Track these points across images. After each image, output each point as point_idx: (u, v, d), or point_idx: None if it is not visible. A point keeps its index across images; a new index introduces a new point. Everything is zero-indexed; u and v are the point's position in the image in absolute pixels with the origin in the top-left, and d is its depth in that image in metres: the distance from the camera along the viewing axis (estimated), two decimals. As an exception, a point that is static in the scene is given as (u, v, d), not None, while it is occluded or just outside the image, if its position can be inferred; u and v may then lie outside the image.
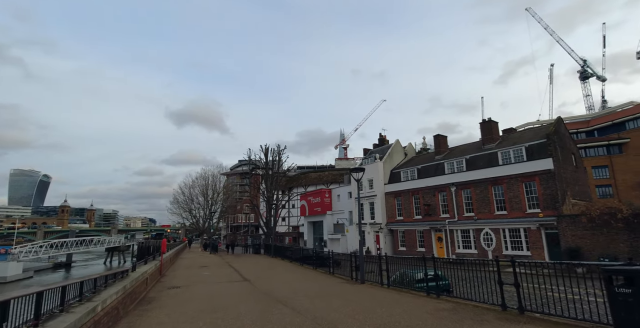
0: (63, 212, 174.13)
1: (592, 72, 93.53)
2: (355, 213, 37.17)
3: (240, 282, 14.00)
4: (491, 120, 29.00)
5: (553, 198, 22.34)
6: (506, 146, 26.38)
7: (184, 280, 14.99)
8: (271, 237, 32.86)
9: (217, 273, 17.78)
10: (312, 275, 15.88)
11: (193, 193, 55.06)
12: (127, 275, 11.42)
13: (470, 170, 27.43)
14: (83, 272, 50.16)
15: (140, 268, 13.52)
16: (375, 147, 41.81)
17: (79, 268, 55.50)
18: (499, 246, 24.56)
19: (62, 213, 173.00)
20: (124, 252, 67.72)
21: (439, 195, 29.29)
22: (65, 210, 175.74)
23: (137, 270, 12.39)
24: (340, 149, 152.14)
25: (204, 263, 23.63)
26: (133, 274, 11.59)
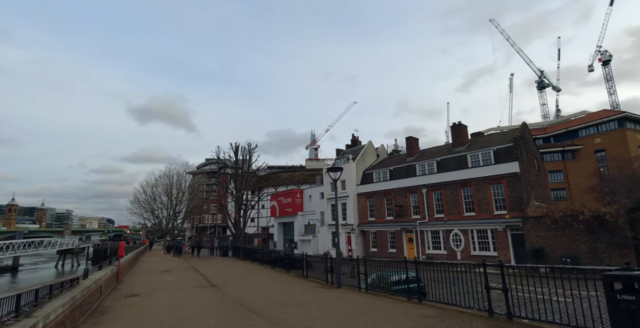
0: (10, 211, 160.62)
1: (548, 83, 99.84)
2: (328, 214, 36.81)
3: (207, 288, 13.01)
4: (461, 124, 29.70)
5: (519, 200, 23.10)
6: (475, 149, 27.06)
7: (143, 287, 13.74)
8: (240, 239, 31.67)
9: (181, 278, 16.58)
10: (284, 279, 15.16)
11: (156, 193, 52.24)
12: (77, 283, 10.14)
13: (441, 172, 27.87)
14: (31, 277, 46.04)
15: (94, 274, 12.16)
16: (347, 147, 41.70)
17: (27, 272, 50.91)
18: (467, 247, 25.07)
19: (9, 213, 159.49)
20: (78, 254, 63.14)
21: (411, 196, 29.54)
22: (13, 209, 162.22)
23: (89, 277, 11.08)
24: (311, 150, 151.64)
25: (166, 267, 22.14)
26: (85, 282, 10.32)
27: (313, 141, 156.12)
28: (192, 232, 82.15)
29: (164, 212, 52.90)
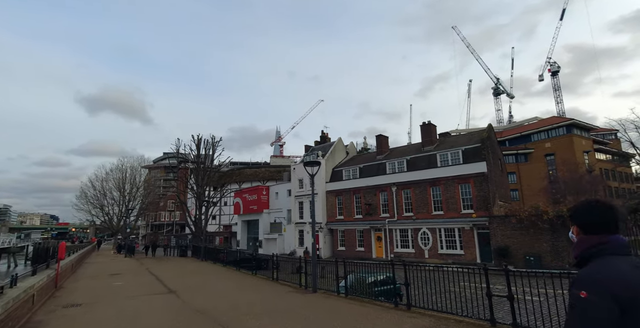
0: None
1: (503, 90, 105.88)
2: (295, 212, 35.68)
3: (164, 295, 11.46)
4: (430, 124, 29.92)
5: (485, 199, 23.53)
6: (444, 149, 27.31)
7: (87, 295, 11.87)
8: (201, 238, 29.70)
9: (133, 282, 14.74)
10: (252, 283, 13.92)
11: (106, 187, 48.10)
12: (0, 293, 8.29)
13: (411, 171, 27.86)
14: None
15: (25, 281, 10.15)
16: (316, 144, 40.84)
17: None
18: (435, 245, 25.21)
19: None
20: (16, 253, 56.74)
21: (380, 194, 29.28)
22: None
23: (18, 285, 9.13)
24: (276, 146, 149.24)
25: (116, 270, 19.90)
26: (11, 292, 8.44)
27: (278, 138, 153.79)
28: (146, 229, 77.29)
29: (115, 209, 48.88)
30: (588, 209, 1.71)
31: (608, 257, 1.55)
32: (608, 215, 1.65)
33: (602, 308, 1.35)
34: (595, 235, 1.63)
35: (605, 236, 1.61)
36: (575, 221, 1.75)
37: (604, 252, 1.57)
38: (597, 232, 1.63)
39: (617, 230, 1.64)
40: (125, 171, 49.16)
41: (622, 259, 1.52)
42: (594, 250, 1.60)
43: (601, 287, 1.39)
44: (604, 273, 1.46)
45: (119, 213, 48.61)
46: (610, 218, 1.65)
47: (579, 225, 1.72)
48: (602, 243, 1.59)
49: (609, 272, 1.46)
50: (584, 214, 1.71)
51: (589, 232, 1.67)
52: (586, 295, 1.40)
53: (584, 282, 1.46)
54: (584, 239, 1.67)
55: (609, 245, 1.58)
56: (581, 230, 1.71)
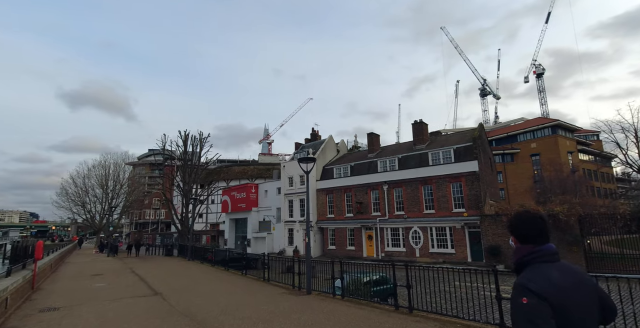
0: None
1: (490, 90, 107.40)
2: (285, 210, 35.13)
3: (149, 298, 10.84)
4: (422, 122, 29.81)
5: (476, 198, 23.52)
6: (436, 147, 27.23)
7: (66, 297, 11.16)
8: (188, 236, 28.87)
9: (116, 284, 14.02)
10: (243, 284, 13.39)
11: (88, 184, 46.46)
12: (-33, 298, 7.59)
13: (403, 170, 27.69)
14: None
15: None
16: (307, 141, 40.34)
17: None
18: (426, 244, 25.11)
19: None
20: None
21: (371, 193, 29.04)
22: None
23: (-14, 290, 8.43)
24: (264, 144, 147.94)
25: (98, 270, 19.04)
26: None
27: (267, 136, 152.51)
28: (130, 228, 75.42)
29: (97, 206, 47.29)
30: (522, 222, 1.88)
31: (539, 264, 1.76)
32: (539, 226, 1.84)
33: (540, 310, 1.60)
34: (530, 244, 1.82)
35: (537, 246, 1.81)
36: (512, 233, 1.92)
37: (536, 260, 1.78)
38: (531, 242, 1.82)
39: (547, 240, 1.83)
40: (109, 167, 47.63)
41: (551, 266, 1.74)
42: (528, 258, 1.80)
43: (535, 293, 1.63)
44: (536, 280, 1.67)
45: (102, 211, 47.06)
46: (541, 229, 1.85)
47: (516, 236, 1.90)
48: (534, 252, 1.79)
49: (541, 280, 1.67)
50: (518, 226, 1.89)
51: (525, 242, 1.85)
52: (526, 300, 1.63)
53: (523, 289, 1.67)
54: (520, 248, 1.87)
55: (540, 253, 1.79)
56: (518, 241, 1.88)
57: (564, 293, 1.64)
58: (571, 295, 1.66)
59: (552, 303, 1.60)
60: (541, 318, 1.58)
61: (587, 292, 1.74)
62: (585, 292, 1.73)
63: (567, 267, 1.79)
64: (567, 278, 1.71)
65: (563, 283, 1.67)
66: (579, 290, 1.70)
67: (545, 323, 1.57)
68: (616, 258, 17.94)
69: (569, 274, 1.75)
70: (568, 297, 1.64)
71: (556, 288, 1.65)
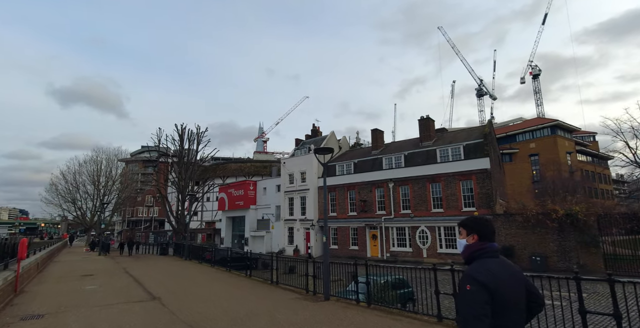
0: None
1: (486, 91, 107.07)
2: (285, 208, 33.92)
3: (146, 303, 9.65)
4: (429, 118, 28.85)
5: (488, 197, 22.63)
6: (443, 144, 26.29)
7: (52, 302, 9.92)
8: (185, 235, 27.59)
9: (109, 286, 12.77)
10: (248, 287, 12.24)
11: (79, 180, 44.83)
12: None
13: (409, 167, 26.70)
14: None
15: (-31, 288, 8.19)
16: (307, 137, 39.21)
17: None
18: (433, 244, 24.17)
19: None
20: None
21: (376, 191, 28.02)
22: None
23: (-44, 296, 7.19)
24: (259, 142, 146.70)
25: (89, 270, 17.73)
26: None
27: (262, 134, 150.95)
28: (122, 226, 73.60)
29: (88, 203, 45.70)
30: (483, 223, 2.32)
31: (484, 259, 2.18)
32: (492, 228, 2.31)
33: (480, 295, 1.99)
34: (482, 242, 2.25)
35: (486, 243, 2.23)
36: (474, 231, 2.30)
37: (482, 255, 2.20)
38: (485, 239, 2.25)
39: (493, 239, 2.27)
40: (101, 163, 46.03)
41: (493, 260, 2.17)
42: (477, 253, 2.22)
43: (478, 282, 2.02)
44: (480, 271, 2.08)
45: (93, 208, 45.45)
46: (493, 231, 2.31)
47: (477, 234, 2.28)
48: (482, 249, 2.22)
49: (484, 271, 2.07)
50: (481, 226, 2.30)
51: (482, 240, 2.26)
52: (470, 287, 2.04)
53: (469, 278, 2.08)
54: (471, 245, 2.28)
55: (487, 249, 2.20)
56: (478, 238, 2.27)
57: (501, 282, 2.04)
58: (507, 283, 2.07)
59: (491, 289, 1.99)
60: (478, 304, 1.97)
61: (518, 282, 2.17)
62: (517, 282, 2.16)
63: (504, 261, 2.23)
64: (504, 271, 2.12)
65: (501, 274, 2.08)
66: (512, 280, 2.12)
67: (480, 308, 1.96)
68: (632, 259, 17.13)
69: (505, 268, 2.17)
70: (504, 285, 2.04)
71: (495, 278, 2.04)
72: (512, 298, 2.04)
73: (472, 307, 1.96)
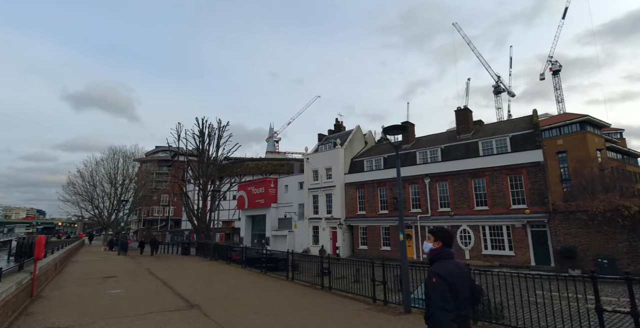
0: None
1: (504, 88, 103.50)
2: (309, 206, 32.08)
3: (185, 313, 8.03)
4: (467, 109, 26.80)
5: (541, 193, 20.48)
6: (485, 136, 24.21)
7: (74, 310, 8.39)
8: (209, 233, 26.14)
9: (135, 290, 11.24)
10: (298, 293, 10.53)
11: (97, 179, 44.04)
12: None
13: (447, 161, 24.69)
14: None
15: (-22, 294, 6.66)
16: (330, 132, 37.48)
17: None
18: (477, 245, 22.12)
19: None
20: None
21: (410, 187, 26.06)
22: None
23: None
24: (271, 143, 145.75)
25: (110, 271, 16.32)
26: None
27: (274, 133, 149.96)
28: (138, 225, 73.10)
29: (105, 202, 44.87)
30: (447, 233, 3.05)
31: (443, 259, 2.91)
32: (451, 236, 3.07)
33: (442, 285, 2.69)
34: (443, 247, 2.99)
35: (445, 248, 2.98)
36: (440, 238, 3.02)
37: (442, 257, 2.93)
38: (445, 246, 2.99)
39: (451, 246, 3.02)
40: (118, 160, 45.22)
41: (449, 261, 2.89)
42: (439, 255, 2.95)
43: (440, 276, 2.73)
44: (441, 269, 2.80)
45: (110, 206, 44.62)
46: (452, 239, 3.06)
47: (442, 241, 3.01)
48: (443, 252, 2.96)
49: (444, 268, 2.79)
50: (445, 236, 3.03)
51: (444, 246, 2.99)
52: (435, 280, 2.74)
53: (434, 274, 2.78)
54: (435, 249, 3.01)
55: (446, 253, 2.95)
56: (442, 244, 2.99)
57: (454, 276, 2.75)
58: (457, 277, 2.77)
59: (449, 281, 2.71)
60: (442, 289, 2.68)
61: (465, 277, 2.87)
62: (464, 277, 2.86)
63: (456, 262, 2.95)
64: (455, 268, 2.84)
65: (454, 271, 2.80)
66: (461, 275, 2.82)
67: (443, 291, 2.67)
68: None
69: (457, 266, 2.88)
70: (456, 278, 2.75)
71: (451, 273, 2.76)
72: (461, 288, 2.77)
73: (439, 293, 2.69)
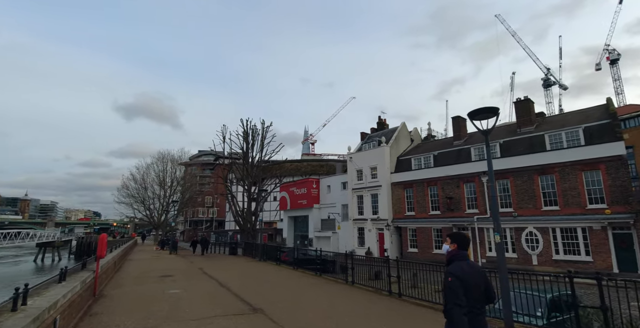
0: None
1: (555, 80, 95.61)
2: (353, 207, 31.02)
3: (250, 318, 7.44)
4: (529, 99, 24.50)
5: (624, 190, 18.00)
6: (552, 129, 21.88)
7: (137, 312, 8.10)
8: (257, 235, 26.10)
9: (193, 290, 10.94)
10: (363, 299, 9.63)
11: (147, 181, 46.25)
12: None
13: (507, 157, 22.64)
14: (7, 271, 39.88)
15: (46, 294, 6.42)
16: (373, 131, 36.29)
17: (3, 266, 44.84)
18: (547, 250, 19.94)
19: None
20: (60, 248, 56.74)
21: (465, 186, 24.26)
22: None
23: (29, 305, 5.34)
24: (306, 145, 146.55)
25: (165, 270, 16.44)
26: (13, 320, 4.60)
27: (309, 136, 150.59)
28: (185, 225, 76.04)
29: (155, 203, 46.99)
30: (463, 237, 3.42)
31: (459, 261, 3.23)
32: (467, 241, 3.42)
33: (456, 284, 2.99)
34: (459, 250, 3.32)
35: (461, 251, 3.32)
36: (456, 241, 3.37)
37: (457, 258, 3.25)
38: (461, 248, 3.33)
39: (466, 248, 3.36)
40: (167, 163, 47.18)
41: (464, 262, 3.21)
42: (455, 257, 3.28)
43: (455, 276, 3.04)
44: (456, 269, 3.11)
45: (160, 207, 46.65)
46: (467, 242, 3.41)
47: (457, 244, 3.36)
48: (458, 254, 3.29)
49: (459, 269, 3.10)
50: (461, 239, 3.39)
51: (459, 248, 3.33)
52: (450, 279, 3.04)
53: (450, 274, 3.08)
54: (451, 251, 3.36)
55: (461, 255, 3.28)
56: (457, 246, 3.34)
57: (468, 276, 3.06)
58: (472, 277, 3.09)
59: (462, 280, 3.01)
60: (456, 288, 2.96)
61: (480, 276, 3.19)
62: (479, 276, 3.17)
63: (472, 263, 3.29)
64: (470, 269, 3.16)
65: (468, 271, 3.11)
66: (476, 275, 3.15)
67: (457, 289, 2.95)
68: None
69: (472, 267, 3.21)
70: (470, 278, 3.07)
71: (465, 273, 3.07)
72: (475, 287, 3.08)
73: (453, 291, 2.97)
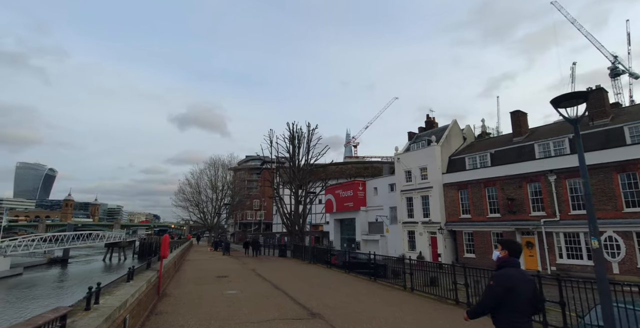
0: (67, 205, 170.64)
1: (624, 69, 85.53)
2: (402, 209, 29.90)
3: (309, 322, 7.20)
4: (602, 89, 21.94)
5: None
6: (629, 121, 19.33)
7: (199, 312, 8.24)
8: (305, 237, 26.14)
9: (249, 292, 11.01)
10: (428, 308, 8.99)
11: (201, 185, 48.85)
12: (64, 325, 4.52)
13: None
14: (80, 269, 44.20)
15: (116, 293, 6.68)
16: (421, 130, 34.89)
17: (77, 264, 49.81)
18: (630, 256, 17.53)
19: (65, 207, 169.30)
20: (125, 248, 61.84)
21: (528, 186, 22.24)
22: (69, 204, 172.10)
23: (101, 304, 5.54)
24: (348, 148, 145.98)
25: (221, 271, 16.91)
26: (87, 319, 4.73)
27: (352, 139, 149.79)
28: (234, 228, 78.98)
29: (209, 206, 49.43)
30: (512, 243, 3.61)
31: (508, 268, 3.39)
32: (519, 248, 3.56)
33: (496, 289, 3.23)
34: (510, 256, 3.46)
35: (512, 258, 3.46)
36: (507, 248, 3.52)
37: (508, 265, 3.41)
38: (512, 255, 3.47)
39: (518, 256, 3.50)
40: (218, 168, 49.43)
41: (514, 269, 3.37)
42: (505, 263, 3.43)
43: (499, 281, 3.26)
44: (504, 275, 3.30)
45: (212, 210, 48.95)
46: (519, 250, 3.55)
47: (508, 250, 3.50)
48: (509, 261, 3.44)
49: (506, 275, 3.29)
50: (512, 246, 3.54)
51: (510, 255, 3.47)
52: (492, 283, 3.31)
53: (496, 278, 3.31)
54: (502, 257, 3.50)
55: (512, 262, 3.43)
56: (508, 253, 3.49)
57: (517, 282, 3.22)
58: (521, 284, 3.22)
59: (509, 287, 3.17)
60: (495, 293, 3.23)
61: (529, 284, 3.31)
62: (528, 284, 3.29)
63: (521, 270, 3.44)
64: (519, 276, 3.31)
65: (517, 279, 3.26)
66: (524, 282, 3.26)
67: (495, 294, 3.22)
68: None
69: (521, 274, 3.37)
70: (520, 285, 3.21)
71: (513, 281, 3.22)
72: (523, 295, 3.20)
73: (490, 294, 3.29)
